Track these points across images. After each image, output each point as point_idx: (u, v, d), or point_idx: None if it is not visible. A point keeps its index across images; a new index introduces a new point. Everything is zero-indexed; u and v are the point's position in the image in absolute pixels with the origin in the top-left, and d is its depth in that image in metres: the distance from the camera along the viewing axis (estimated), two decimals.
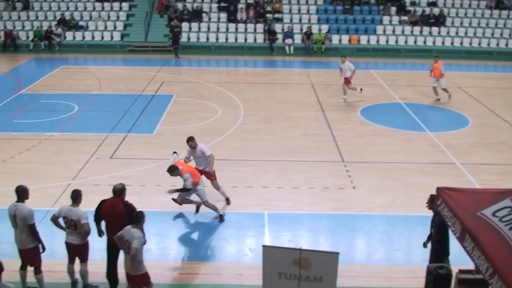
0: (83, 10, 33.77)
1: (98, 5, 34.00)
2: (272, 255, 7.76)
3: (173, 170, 11.72)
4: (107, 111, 20.00)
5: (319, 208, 12.97)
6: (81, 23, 32.79)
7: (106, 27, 32.70)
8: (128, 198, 9.59)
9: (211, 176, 12.88)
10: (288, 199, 13.38)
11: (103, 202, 9.50)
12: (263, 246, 7.85)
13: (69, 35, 32.09)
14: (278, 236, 11.78)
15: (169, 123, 18.74)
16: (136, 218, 8.75)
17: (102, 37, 32.10)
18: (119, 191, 9.44)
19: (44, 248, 9.39)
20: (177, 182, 12.32)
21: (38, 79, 24.68)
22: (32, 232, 9.17)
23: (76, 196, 9.39)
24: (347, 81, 21.65)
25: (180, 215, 12.61)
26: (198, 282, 10.18)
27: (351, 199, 13.46)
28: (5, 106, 20.54)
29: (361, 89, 21.87)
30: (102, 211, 9.43)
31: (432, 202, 9.13)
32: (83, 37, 32.10)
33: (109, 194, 9.69)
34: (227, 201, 13.14)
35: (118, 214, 9.23)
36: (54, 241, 10.28)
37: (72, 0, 34.37)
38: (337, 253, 7.57)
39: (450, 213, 8.18)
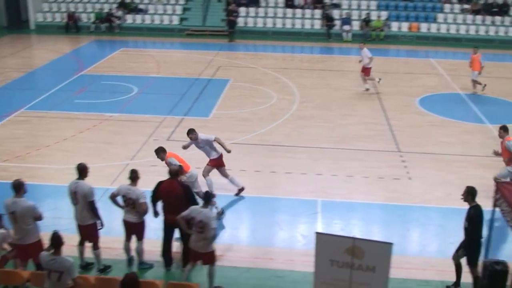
0: None
1: None
2: (325, 242, 7.76)
3: (159, 152, 11.25)
4: (165, 94, 20.34)
5: (373, 197, 12.86)
6: (141, 6, 33.33)
7: (165, 10, 33.11)
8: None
9: (220, 163, 12.60)
10: (342, 187, 13.32)
11: (160, 183, 9.73)
12: (316, 232, 7.85)
13: (129, 18, 32.69)
14: (331, 224, 11.76)
15: (225, 107, 18.90)
16: (206, 197, 8.98)
17: (161, 21, 32.55)
18: (175, 172, 9.68)
19: (102, 225, 9.70)
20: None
21: (99, 61, 25.32)
22: (91, 209, 9.48)
23: (134, 176, 9.65)
24: (365, 71, 21.05)
25: (232, 199, 12.74)
26: (249, 266, 10.28)
27: (407, 190, 13.28)
28: (67, 86, 21.19)
29: (379, 79, 21.23)
30: (160, 192, 9.66)
31: (467, 194, 8.94)
32: (143, 20, 32.63)
33: (165, 175, 9.92)
34: (240, 191, 12.78)
35: (176, 195, 9.47)
36: (111, 219, 10.58)
37: None
38: (391, 244, 7.50)
39: (509, 207, 7.98)
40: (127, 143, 15.65)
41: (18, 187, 8.92)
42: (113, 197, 9.80)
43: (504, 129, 12.63)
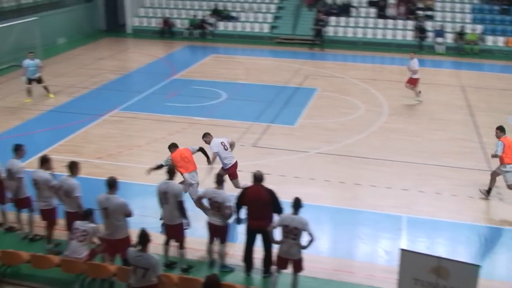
0: (236, 1, 34.93)
1: None
2: (410, 260, 7.58)
3: (171, 147, 12.04)
4: (252, 101, 20.60)
5: (461, 217, 12.41)
6: (233, 13, 33.97)
7: (256, 18, 33.57)
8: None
9: (233, 175, 12.56)
10: (429, 204, 12.95)
11: (246, 189, 9.82)
12: (401, 249, 7.69)
13: (221, 25, 33.39)
14: (415, 241, 11.46)
15: (311, 117, 18.89)
16: (296, 204, 8.97)
17: (252, 28, 33.02)
18: (261, 177, 9.70)
19: (189, 225, 9.94)
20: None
21: (191, 66, 26.03)
22: (180, 209, 9.73)
23: (221, 179, 9.82)
24: (411, 81, 20.42)
25: (315, 208, 12.69)
26: (329, 277, 10.20)
27: (497, 212, 12.72)
28: (160, 89, 21.94)
29: (419, 92, 20.53)
30: (246, 198, 9.72)
31: None
32: (234, 28, 33.22)
33: (249, 181, 10.01)
34: None
35: (263, 200, 9.52)
36: (196, 220, 10.83)
37: None
38: (478, 266, 7.23)
39: None
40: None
41: (112, 184, 9.33)
42: (199, 199, 10.03)
43: (500, 129, 13.22)
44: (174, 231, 9.91)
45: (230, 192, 10.00)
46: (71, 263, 9.15)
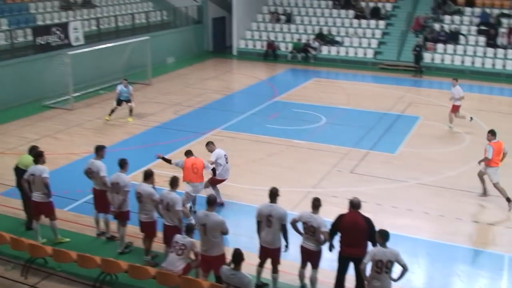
0: (341, 26, 34.97)
1: (355, 21, 34.90)
2: None
3: (187, 153, 12.80)
4: (352, 126, 20.45)
5: None
6: (337, 38, 34.01)
7: (360, 43, 33.40)
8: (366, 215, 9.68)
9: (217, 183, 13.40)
10: None
11: (342, 216, 9.66)
12: None
13: (324, 49, 33.50)
14: None
15: (412, 146, 18.44)
16: (385, 236, 8.81)
17: (356, 53, 32.86)
18: (359, 204, 9.56)
19: (287, 248, 9.94)
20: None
21: (292, 89, 26.30)
22: (284, 232, 9.79)
23: (318, 204, 9.78)
24: (454, 108, 19.60)
25: (411, 241, 12.34)
26: None
27: None
28: (261, 111, 22.33)
29: (471, 118, 19.46)
30: (342, 225, 9.56)
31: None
32: (338, 52, 33.22)
33: (345, 207, 9.92)
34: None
35: (360, 228, 9.38)
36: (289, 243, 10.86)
37: (331, 16, 35.85)
38: None
39: None
40: (311, 171, 15.99)
41: (212, 202, 9.60)
42: (293, 223, 10.05)
43: (492, 133, 14.17)
44: (273, 254, 9.97)
45: (326, 218, 9.94)
46: (167, 276, 9.45)
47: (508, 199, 13.78)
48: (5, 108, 22.04)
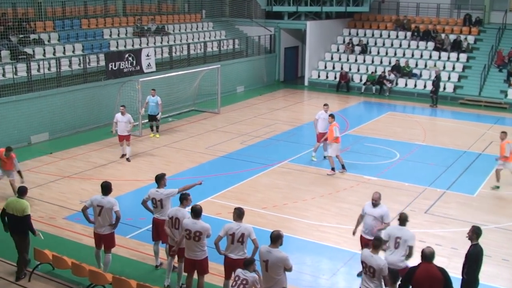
0: (419, 58, 34.50)
1: (435, 54, 34.33)
2: None
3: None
4: (428, 164, 19.94)
5: None
6: (415, 71, 33.52)
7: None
8: (435, 260, 9.30)
9: None
10: None
11: (415, 268, 9.10)
12: None
13: (401, 82, 33.08)
14: None
15: None
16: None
17: None
18: (432, 255, 9.06)
19: None
20: None
21: (365, 122, 26.04)
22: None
23: (378, 244, 9.48)
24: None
25: None
26: None
27: None
28: None
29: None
30: (416, 278, 9.03)
31: (472, 233, 9.78)
32: (415, 85, 32.72)
33: (417, 251, 9.59)
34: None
35: (435, 281, 8.91)
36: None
37: (409, 47, 35.46)
38: None
39: None
40: None
41: (276, 238, 9.46)
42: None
43: (505, 134, 17.67)
44: None
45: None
46: None
47: None
48: (75, 132, 22.96)
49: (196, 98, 28.33)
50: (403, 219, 10.62)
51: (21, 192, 11.64)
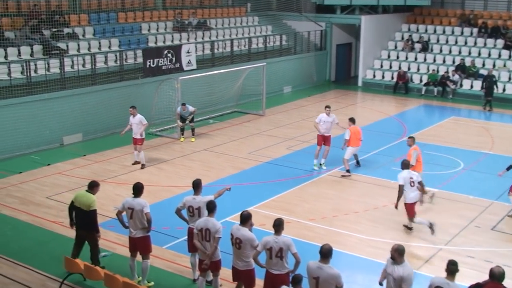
0: (486, 57, 33.90)
1: (504, 52, 33.66)
2: None
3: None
4: (495, 175, 19.49)
5: None
6: (481, 71, 32.89)
7: (510, 78, 32.07)
8: (508, 282, 9.12)
9: None
10: None
11: (482, 285, 9.01)
12: None
13: (466, 83, 32.53)
14: None
15: None
16: None
17: (504, 89, 31.54)
18: (502, 276, 8.86)
19: None
20: None
21: (425, 127, 25.71)
22: None
23: (454, 269, 9.13)
24: None
25: None
26: None
27: None
28: (387, 151, 21.98)
29: None
30: None
31: None
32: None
33: (483, 272, 9.42)
34: None
35: None
36: None
37: (475, 45, 34.87)
38: None
39: None
40: (443, 224, 15.37)
41: (328, 254, 9.41)
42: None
43: (351, 120, 19.20)
44: None
45: (458, 282, 9.47)
46: None
47: None
48: (109, 134, 23.37)
49: (239, 98, 28.48)
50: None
51: (91, 185, 12.23)
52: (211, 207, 11.02)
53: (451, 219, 15.80)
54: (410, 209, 14.60)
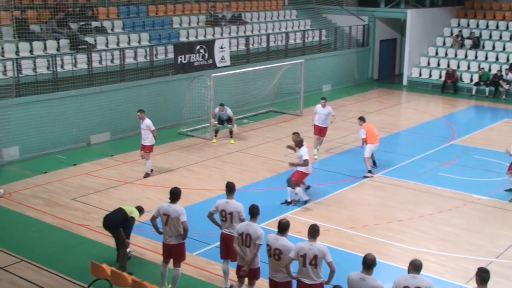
0: None
1: None
2: None
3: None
4: None
5: None
6: None
7: None
8: None
9: None
10: None
11: None
12: None
13: None
14: None
15: None
16: None
17: None
18: None
19: None
20: None
21: (475, 131, 25.45)
22: None
23: (487, 277, 9.16)
24: None
25: None
26: None
27: None
28: (433, 155, 21.81)
29: None
30: None
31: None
32: None
33: None
34: None
35: None
36: None
37: None
38: None
39: None
40: (494, 235, 15.25)
41: (371, 264, 9.36)
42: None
43: (361, 119, 19.72)
44: None
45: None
46: None
47: None
48: (138, 133, 23.41)
49: (275, 97, 28.55)
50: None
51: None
52: (254, 211, 11.07)
53: (503, 230, 15.61)
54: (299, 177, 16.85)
